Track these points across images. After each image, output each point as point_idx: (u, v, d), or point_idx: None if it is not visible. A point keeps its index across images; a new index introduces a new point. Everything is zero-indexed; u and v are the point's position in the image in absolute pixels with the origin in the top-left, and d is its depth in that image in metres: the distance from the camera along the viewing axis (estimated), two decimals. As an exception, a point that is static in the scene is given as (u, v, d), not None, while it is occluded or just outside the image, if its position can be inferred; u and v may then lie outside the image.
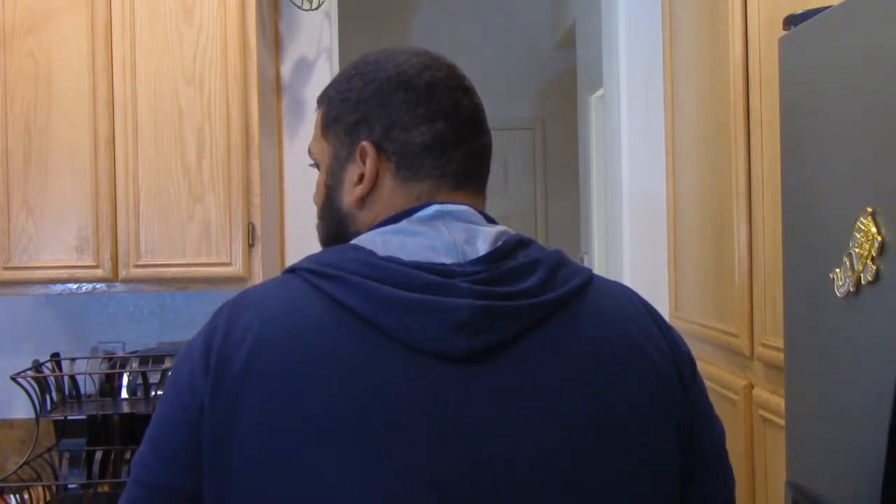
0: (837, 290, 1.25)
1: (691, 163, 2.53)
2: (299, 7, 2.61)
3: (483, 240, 0.89)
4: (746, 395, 2.05)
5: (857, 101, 1.24)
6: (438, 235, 0.89)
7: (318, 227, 1.03)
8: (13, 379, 2.25)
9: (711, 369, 2.33)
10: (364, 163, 0.95)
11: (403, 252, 0.87)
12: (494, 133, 1.07)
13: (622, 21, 2.79)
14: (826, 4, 1.39)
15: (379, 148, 0.95)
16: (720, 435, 0.97)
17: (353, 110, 0.96)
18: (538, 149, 5.16)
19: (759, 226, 1.97)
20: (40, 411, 2.28)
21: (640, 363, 0.89)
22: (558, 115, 4.98)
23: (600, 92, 3.44)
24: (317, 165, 1.02)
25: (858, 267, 1.18)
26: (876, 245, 1.14)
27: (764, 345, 1.94)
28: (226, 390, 0.82)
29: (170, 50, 2.25)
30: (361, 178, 0.95)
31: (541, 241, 5.31)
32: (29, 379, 2.27)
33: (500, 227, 0.93)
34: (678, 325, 2.65)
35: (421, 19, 5.12)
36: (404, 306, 0.83)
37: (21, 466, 2.34)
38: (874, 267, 1.15)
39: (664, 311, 2.72)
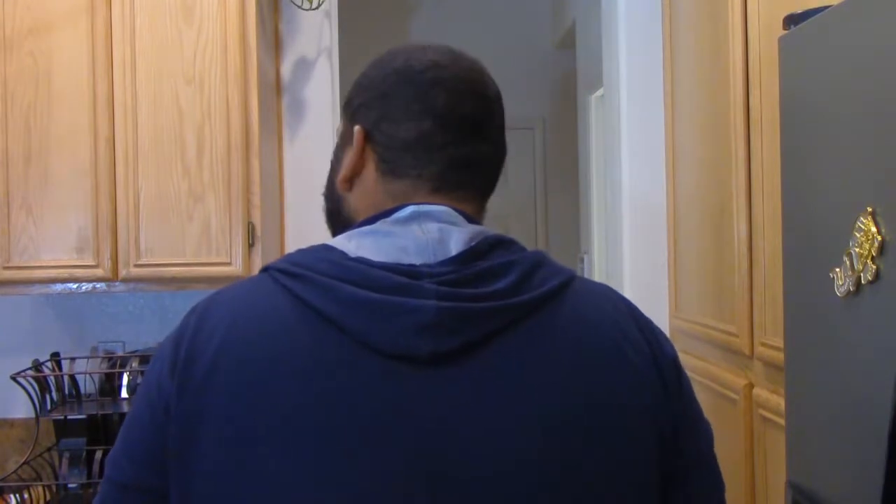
0: (837, 289, 1.25)
1: (691, 162, 2.53)
2: (299, 7, 2.60)
3: (456, 240, 0.87)
4: (746, 395, 2.05)
5: (857, 100, 1.24)
6: (411, 236, 0.87)
7: (323, 206, 1.03)
8: (13, 378, 2.25)
9: (711, 369, 2.33)
10: (354, 146, 0.95)
11: (374, 253, 0.86)
12: None
13: (622, 21, 2.79)
14: (826, 4, 1.39)
15: (369, 136, 0.94)
16: (708, 437, 0.96)
17: (360, 95, 0.97)
18: (538, 149, 5.16)
19: (759, 226, 1.97)
20: (40, 411, 2.28)
21: (617, 365, 0.87)
22: (558, 115, 4.98)
23: (600, 92, 3.44)
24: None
25: (858, 267, 1.18)
26: (876, 245, 1.14)
27: (764, 344, 1.94)
28: (191, 391, 0.83)
29: (170, 50, 2.25)
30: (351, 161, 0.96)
31: (541, 241, 5.30)
32: (29, 378, 2.27)
33: (478, 228, 0.90)
34: (678, 325, 2.65)
35: (421, 19, 5.12)
36: (369, 307, 0.81)
37: (21, 466, 2.34)
38: (874, 266, 1.15)
39: (664, 310, 2.72)
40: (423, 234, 0.87)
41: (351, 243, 0.88)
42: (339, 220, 0.98)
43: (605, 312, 0.90)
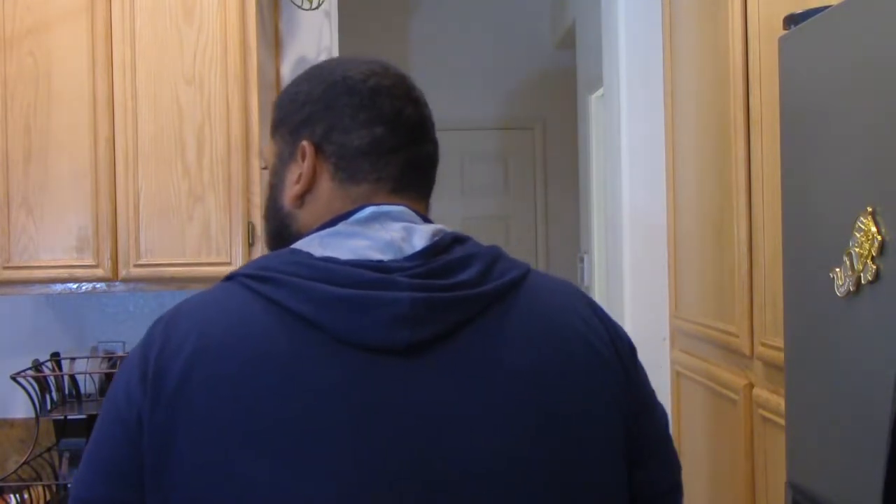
0: (837, 289, 1.25)
1: (691, 163, 2.53)
2: (299, 7, 2.61)
3: (420, 236, 0.90)
4: (746, 395, 2.05)
5: (857, 100, 1.24)
6: (375, 235, 0.90)
7: (263, 227, 1.05)
8: (13, 378, 2.25)
9: (711, 369, 2.33)
10: (303, 162, 0.97)
11: (341, 252, 0.88)
12: (494, 133, 1.08)
13: (622, 21, 2.79)
14: (826, 4, 1.39)
15: (318, 148, 0.97)
16: (664, 421, 0.99)
17: (299, 111, 0.99)
18: (538, 149, 5.15)
19: (759, 226, 1.97)
20: (40, 411, 2.28)
21: (582, 350, 0.90)
22: (558, 115, 4.98)
23: (600, 92, 3.44)
24: (267, 168, 1.04)
25: (858, 266, 1.18)
26: (876, 245, 1.14)
27: (764, 344, 1.94)
28: (165, 401, 0.82)
29: (170, 50, 2.25)
30: (300, 177, 0.97)
31: (541, 241, 5.29)
32: (29, 378, 2.27)
33: (436, 225, 0.94)
34: (678, 325, 2.65)
35: (421, 19, 5.12)
36: (344, 303, 0.83)
37: (21, 466, 2.34)
38: (874, 266, 1.15)
39: (664, 310, 2.72)
40: (386, 232, 0.91)
41: (315, 245, 0.90)
42: (284, 238, 0.99)
43: (565, 301, 0.95)
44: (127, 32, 2.24)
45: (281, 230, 1.00)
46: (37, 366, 2.35)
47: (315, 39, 2.68)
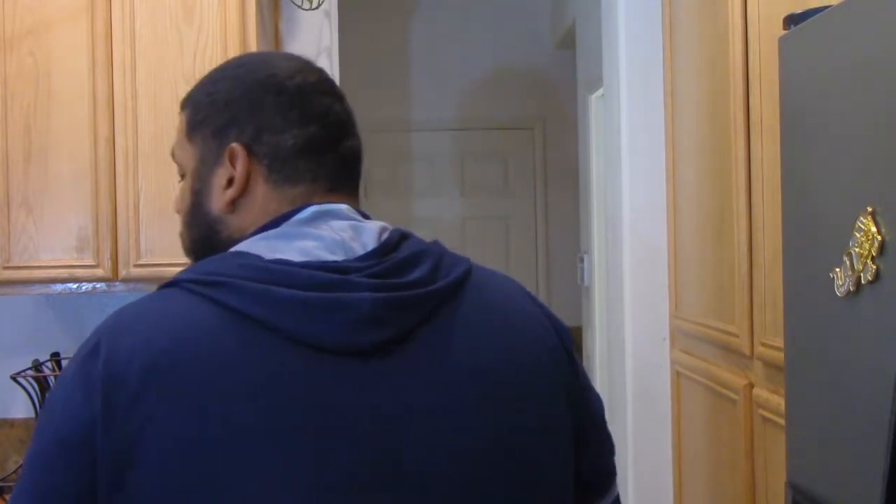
0: (837, 289, 1.25)
1: (691, 163, 2.53)
2: (299, 7, 2.61)
3: (368, 235, 0.89)
4: (746, 395, 2.05)
5: (857, 100, 1.24)
6: (322, 234, 0.89)
7: (182, 235, 1.00)
8: (13, 378, 2.25)
9: (711, 369, 2.33)
10: (234, 165, 0.93)
11: (290, 254, 0.86)
12: (495, 133, 1.09)
13: (622, 21, 2.79)
14: (826, 4, 1.39)
15: (249, 150, 0.93)
16: (600, 405, 1.01)
17: (222, 112, 0.95)
18: (538, 149, 5.15)
19: (759, 226, 1.97)
20: (40, 411, 2.28)
21: (531, 342, 0.92)
22: (558, 115, 4.97)
23: (600, 92, 3.44)
24: (181, 172, 0.99)
25: (858, 266, 1.18)
26: (876, 245, 1.14)
27: (764, 345, 1.94)
28: (120, 417, 0.78)
29: (170, 50, 2.25)
30: (230, 181, 0.93)
31: (541, 241, 5.29)
32: (29, 378, 2.27)
33: (380, 222, 0.94)
34: (678, 325, 2.65)
35: (420, 19, 5.11)
36: (303, 306, 0.82)
37: (21, 466, 2.34)
38: (874, 266, 1.15)
39: (664, 310, 2.72)
40: (333, 232, 0.89)
41: (262, 248, 0.88)
42: (212, 245, 0.95)
43: (510, 294, 0.96)
44: (127, 32, 2.24)
45: (209, 236, 0.96)
46: (37, 366, 2.35)
47: (315, 39, 2.68)
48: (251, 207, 0.94)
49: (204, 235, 0.97)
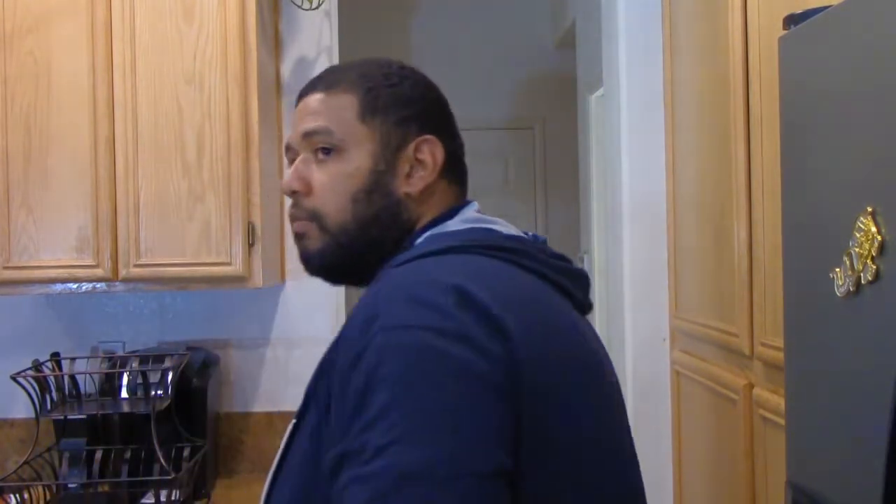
0: (837, 289, 1.25)
1: (691, 162, 2.53)
2: (299, 7, 2.60)
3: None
4: (746, 395, 2.05)
5: (857, 100, 1.23)
6: (501, 221, 1.05)
7: (350, 210, 1.00)
8: (13, 378, 2.25)
9: (711, 369, 2.33)
10: (426, 155, 1.03)
11: (509, 232, 1.03)
12: (494, 133, 1.21)
13: (622, 21, 2.79)
14: (826, 4, 1.39)
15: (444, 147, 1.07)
16: None
17: (406, 106, 1.04)
18: (538, 149, 5.15)
19: (759, 226, 1.97)
20: (40, 411, 2.28)
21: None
22: (558, 115, 4.97)
23: (600, 92, 3.44)
24: (325, 148, 1.01)
25: (858, 267, 1.18)
26: (876, 245, 1.14)
27: (764, 344, 1.94)
28: (526, 352, 0.84)
29: (170, 50, 2.25)
30: (411, 169, 1.03)
31: (541, 241, 5.31)
32: (29, 378, 2.27)
33: None
34: (678, 325, 2.65)
35: (421, 19, 5.11)
36: (568, 274, 1.01)
37: (21, 466, 2.34)
38: (874, 267, 1.15)
39: (664, 310, 2.72)
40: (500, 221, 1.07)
41: (493, 226, 1.03)
42: (390, 224, 1.01)
43: None
44: (127, 32, 2.24)
45: (391, 215, 1.01)
46: (37, 366, 2.35)
47: (315, 39, 2.68)
48: (432, 197, 1.04)
49: (385, 213, 1.02)
